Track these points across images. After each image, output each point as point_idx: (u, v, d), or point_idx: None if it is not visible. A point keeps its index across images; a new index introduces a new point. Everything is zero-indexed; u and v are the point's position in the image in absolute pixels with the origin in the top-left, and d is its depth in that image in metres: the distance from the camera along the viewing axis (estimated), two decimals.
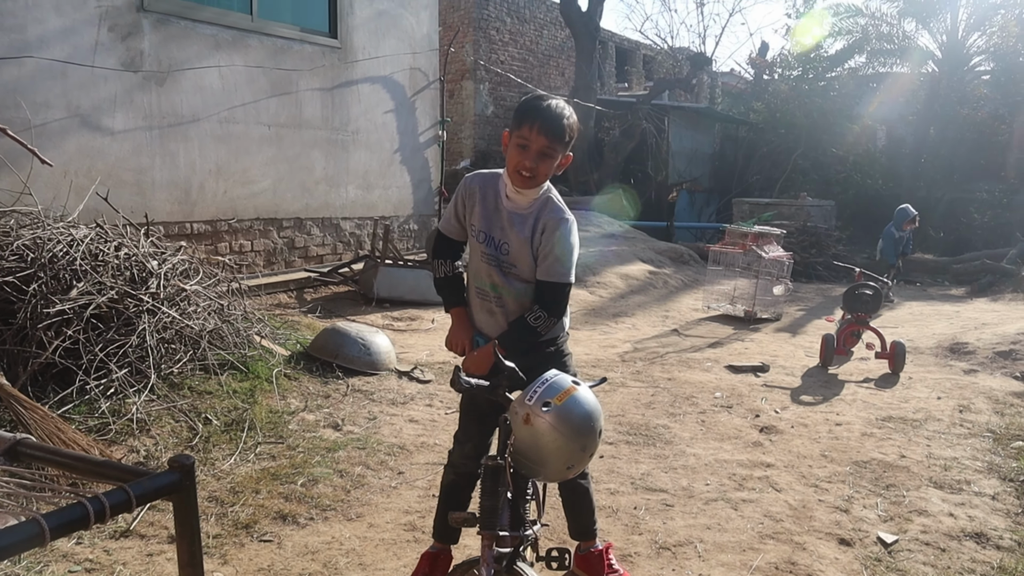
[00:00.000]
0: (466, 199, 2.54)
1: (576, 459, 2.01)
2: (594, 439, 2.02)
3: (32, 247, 4.58)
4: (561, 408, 1.98)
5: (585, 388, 2.06)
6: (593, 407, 2.03)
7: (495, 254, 2.50)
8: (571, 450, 1.99)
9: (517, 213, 2.48)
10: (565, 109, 2.38)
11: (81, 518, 1.22)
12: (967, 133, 17.01)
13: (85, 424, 3.98)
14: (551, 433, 1.97)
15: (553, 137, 2.34)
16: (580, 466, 2.05)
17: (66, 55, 6.18)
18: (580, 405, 2.01)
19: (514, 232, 2.47)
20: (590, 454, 2.03)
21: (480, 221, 2.51)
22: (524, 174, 2.37)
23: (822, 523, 3.60)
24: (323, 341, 5.60)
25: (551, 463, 2.01)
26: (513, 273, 2.51)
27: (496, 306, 2.56)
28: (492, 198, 2.51)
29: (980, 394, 5.73)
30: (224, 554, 3.12)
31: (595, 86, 17.06)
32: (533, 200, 2.48)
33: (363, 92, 9.00)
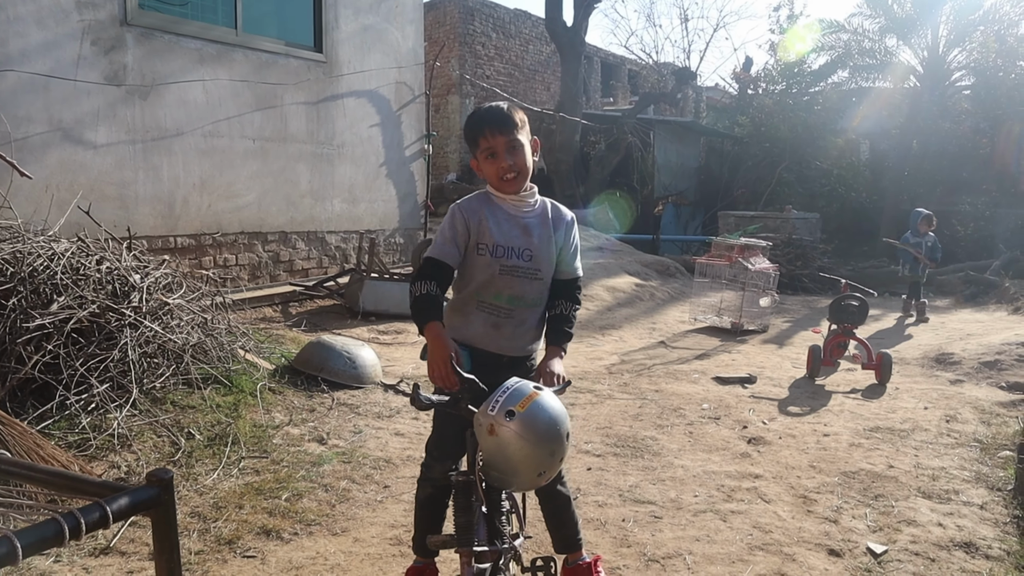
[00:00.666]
0: (469, 219, 2.46)
1: (546, 465, 1.97)
2: (562, 443, 1.98)
3: (12, 261, 4.52)
4: (525, 415, 1.94)
5: (548, 393, 2.02)
6: (557, 411, 1.99)
7: (518, 264, 2.47)
8: (539, 456, 1.95)
9: (530, 217, 2.52)
10: (502, 104, 2.47)
11: (55, 535, 1.18)
12: (949, 147, 17.19)
13: (65, 440, 3.92)
14: (517, 441, 1.93)
15: (507, 128, 2.40)
16: (551, 472, 2.00)
17: (48, 69, 6.14)
18: (544, 410, 1.97)
19: (534, 235, 2.50)
20: (560, 458, 1.99)
21: (494, 236, 2.45)
22: (509, 176, 2.42)
23: (811, 534, 3.58)
24: (308, 355, 5.56)
25: (521, 472, 1.97)
26: (536, 279, 2.52)
27: (504, 319, 2.53)
28: (500, 213, 2.49)
29: (966, 404, 5.75)
30: (206, 571, 3.07)
31: (581, 100, 17.13)
32: (535, 201, 2.55)
33: (348, 106, 8.99)
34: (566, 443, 1.99)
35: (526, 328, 2.58)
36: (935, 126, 16.98)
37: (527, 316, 2.56)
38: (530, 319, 2.58)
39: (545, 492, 2.74)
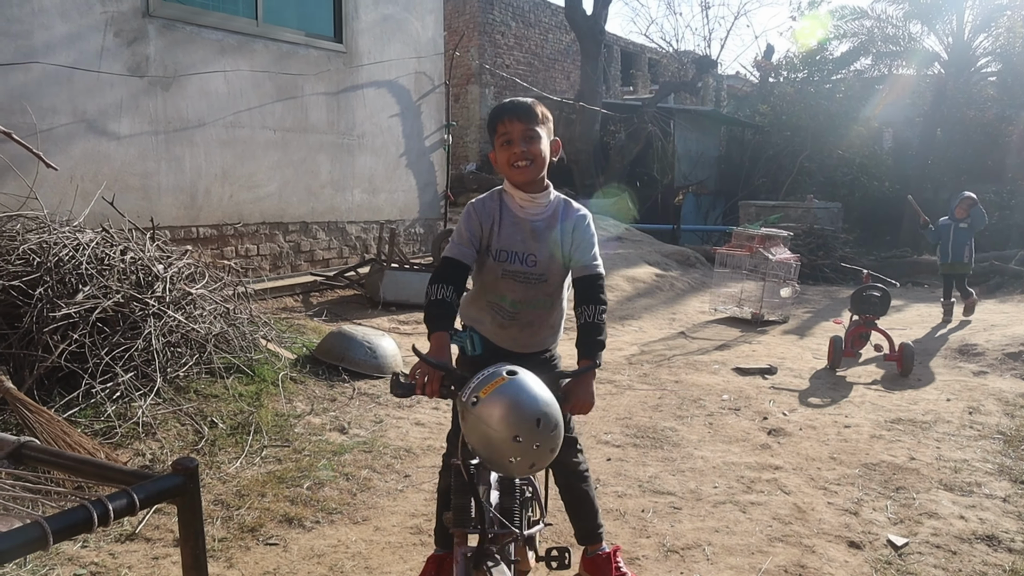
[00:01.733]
0: (483, 221, 2.45)
1: (516, 451, 1.89)
2: (527, 429, 1.88)
3: (38, 251, 4.58)
4: (486, 400, 1.92)
5: (519, 379, 1.95)
6: (521, 397, 1.91)
7: (520, 269, 2.45)
8: (502, 441, 1.89)
9: (538, 220, 2.46)
10: (528, 99, 2.43)
11: (84, 521, 1.21)
12: (974, 135, 16.96)
13: (91, 427, 3.98)
14: (480, 426, 1.92)
15: (527, 118, 2.36)
16: (526, 459, 1.91)
17: (72, 60, 6.20)
18: (505, 395, 1.92)
19: (541, 241, 2.45)
20: (535, 445, 1.89)
21: (500, 239, 2.45)
22: (521, 164, 2.37)
23: (831, 526, 3.57)
24: (329, 344, 5.60)
25: (493, 458, 1.94)
26: (540, 285, 2.48)
27: (508, 320, 2.54)
28: (508, 215, 2.47)
29: (990, 396, 5.70)
30: (230, 557, 3.11)
31: (600, 90, 17.06)
32: (547, 204, 2.48)
33: (368, 96, 9.01)
34: (537, 431, 1.88)
35: (534, 329, 2.58)
36: (960, 113, 16.77)
37: (534, 318, 2.55)
38: (538, 321, 2.56)
39: (562, 482, 2.75)
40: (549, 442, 1.92)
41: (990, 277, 12.18)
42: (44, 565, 2.93)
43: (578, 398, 2.26)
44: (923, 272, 13.34)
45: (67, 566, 2.96)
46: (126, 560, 3.04)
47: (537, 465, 1.96)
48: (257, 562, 3.10)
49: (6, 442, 1.60)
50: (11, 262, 4.46)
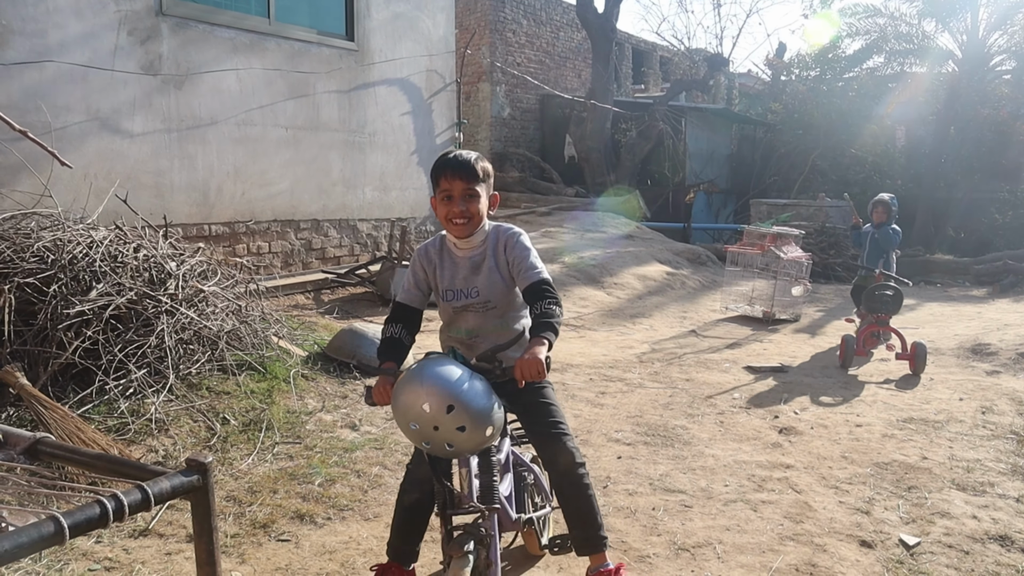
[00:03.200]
0: (426, 266, 2.65)
1: (419, 436, 2.14)
2: (416, 414, 2.10)
3: (52, 249, 4.62)
4: (394, 391, 2.20)
5: (423, 362, 2.18)
6: (414, 382, 2.12)
7: (466, 302, 2.59)
8: (405, 428, 2.17)
9: (475, 255, 2.60)
10: (471, 154, 2.54)
11: (99, 517, 1.22)
12: (987, 133, 16.84)
13: (104, 424, 4.01)
14: (394, 414, 2.21)
15: (468, 177, 2.48)
16: (436, 442, 2.14)
17: (86, 59, 6.24)
18: (400, 383, 2.17)
19: (479, 275, 2.59)
20: (433, 427, 2.10)
21: (444, 281, 2.62)
22: (458, 221, 2.50)
23: (843, 525, 3.56)
24: (340, 342, 5.61)
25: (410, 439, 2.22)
26: (489, 310, 2.60)
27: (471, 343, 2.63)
28: (447, 257, 2.64)
29: (1003, 395, 5.66)
30: (242, 553, 3.13)
31: (612, 88, 17.04)
32: (482, 240, 2.60)
33: (380, 94, 9.02)
34: (427, 415, 2.08)
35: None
36: (973, 112, 16.64)
37: (496, 339, 2.51)
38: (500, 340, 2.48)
39: (554, 483, 2.69)
40: (451, 422, 2.09)
41: (1003, 276, 12.09)
42: (59, 560, 2.95)
43: (522, 364, 2.25)
44: (936, 271, 13.28)
45: (81, 561, 2.98)
46: (139, 556, 3.06)
47: (456, 446, 2.15)
48: (269, 558, 3.11)
49: (22, 438, 1.62)
50: (26, 259, 4.49)
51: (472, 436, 2.12)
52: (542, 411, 2.64)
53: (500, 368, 2.29)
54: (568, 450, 2.60)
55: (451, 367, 2.17)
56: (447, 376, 2.12)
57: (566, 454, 2.59)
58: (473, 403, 2.12)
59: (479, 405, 2.14)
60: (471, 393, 2.13)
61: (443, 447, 2.14)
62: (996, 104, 16.98)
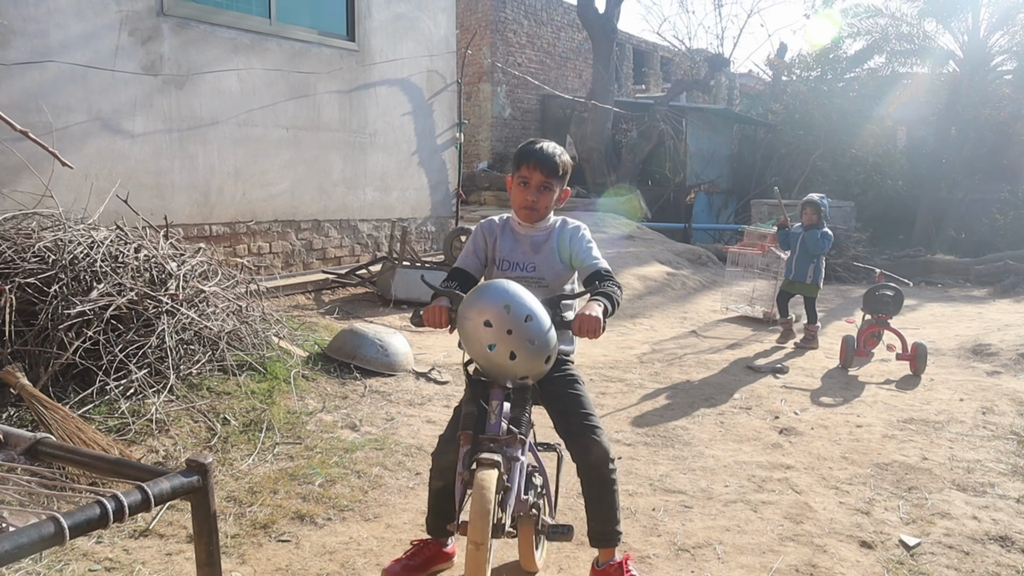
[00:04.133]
0: (487, 236, 2.81)
1: (490, 337, 2.24)
2: (494, 312, 2.23)
3: (53, 249, 4.62)
4: (464, 303, 2.33)
5: (496, 279, 2.38)
6: (492, 288, 2.30)
7: (521, 274, 2.72)
8: (475, 328, 2.25)
9: (535, 236, 2.79)
10: (557, 148, 2.71)
11: (100, 517, 1.22)
12: (989, 133, 16.83)
13: (105, 424, 4.01)
14: (461, 322, 2.32)
15: (548, 172, 2.66)
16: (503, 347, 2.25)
17: (87, 59, 6.25)
18: (481, 289, 2.32)
19: (539, 253, 2.76)
20: (507, 331, 2.22)
21: (503, 251, 2.78)
22: (527, 209, 2.70)
23: (843, 525, 3.56)
24: (341, 342, 5.62)
25: (475, 351, 2.32)
26: (540, 288, 2.69)
27: None
28: (510, 233, 2.82)
29: (1004, 396, 5.66)
30: (242, 554, 3.13)
31: (612, 88, 17.03)
32: (546, 227, 2.81)
33: (381, 94, 9.03)
34: (507, 316, 2.22)
35: None
36: (974, 112, 16.63)
37: None
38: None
39: (583, 473, 2.71)
40: (524, 332, 2.24)
41: (1004, 276, 12.09)
42: (59, 560, 2.96)
43: (581, 318, 2.41)
44: (937, 271, 13.27)
45: (81, 561, 2.98)
46: (140, 556, 3.07)
47: (518, 359, 2.26)
48: (269, 559, 3.11)
49: (22, 438, 1.62)
50: (26, 259, 4.49)
51: (534, 355, 2.29)
52: (575, 402, 2.69)
53: (560, 316, 2.44)
54: (602, 445, 2.66)
55: (531, 292, 2.37)
56: (531, 296, 2.32)
57: (599, 448, 2.65)
58: (545, 325, 2.31)
59: (548, 329, 2.33)
60: (544, 316, 2.33)
61: (505, 356, 2.26)
62: (997, 104, 16.97)
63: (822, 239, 7.15)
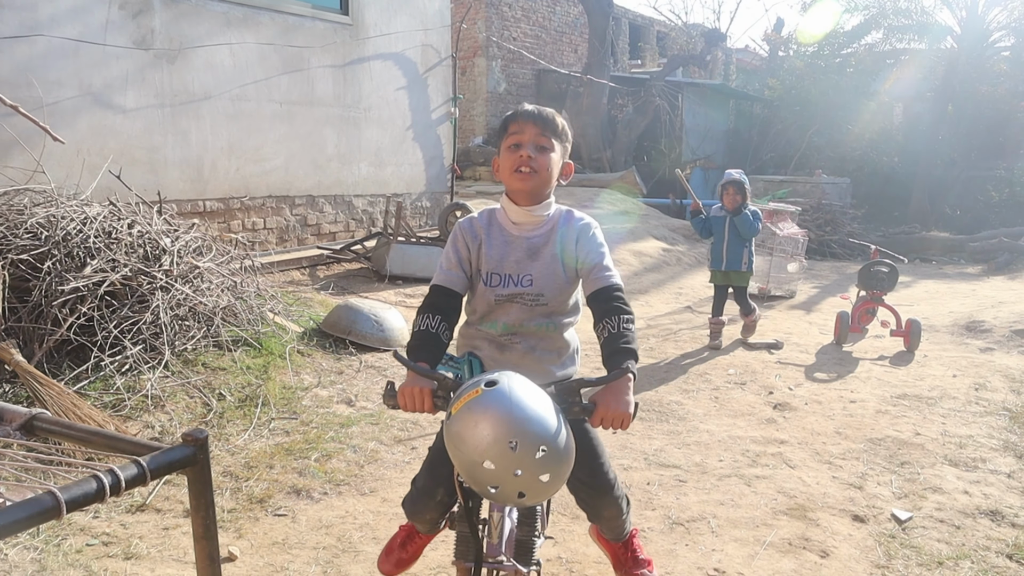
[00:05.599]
0: (470, 242, 2.16)
1: (492, 478, 1.61)
2: (498, 452, 1.57)
3: (46, 225, 4.60)
4: (456, 417, 1.65)
5: (498, 390, 1.64)
6: (492, 413, 1.60)
7: (514, 291, 2.12)
8: (473, 465, 1.61)
9: (535, 237, 2.14)
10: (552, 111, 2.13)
11: (96, 491, 1.22)
12: (985, 110, 16.80)
13: (100, 400, 4.01)
14: (453, 448, 1.66)
15: (544, 125, 2.05)
16: (508, 488, 1.61)
17: (77, 33, 6.17)
18: (474, 411, 1.62)
19: (537, 260, 2.13)
20: (515, 472, 1.58)
21: (490, 261, 2.14)
22: (524, 170, 2.03)
23: (836, 500, 3.59)
24: (336, 318, 5.62)
25: (473, 483, 1.66)
26: (538, 306, 2.13)
27: (506, 344, 2.19)
28: (498, 234, 2.16)
29: (996, 372, 5.69)
30: (239, 528, 3.15)
31: (608, 63, 16.93)
32: (545, 218, 2.15)
33: (375, 69, 8.95)
34: (513, 455, 1.57)
35: (537, 356, 2.18)
36: (972, 89, 16.59)
37: (535, 343, 2.18)
38: (540, 345, 2.18)
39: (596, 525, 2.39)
40: (537, 468, 1.60)
41: (999, 254, 12.12)
42: (56, 535, 2.97)
43: (606, 407, 1.84)
44: (932, 248, 13.30)
45: (79, 536, 3.00)
46: (137, 531, 3.08)
47: (530, 495, 1.64)
48: (266, 532, 3.13)
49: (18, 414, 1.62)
50: (19, 236, 4.47)
51: (551, 486, 1.66)
52: (584, 451, 2.10)
53: (579, 405, 1.83)
54: (616, 504, 2.24)
55: (541, 395, 1.70)
56: (543, 410, 1.64)
57: (612, 508, 2.24)
58: (564, 449, 1.66)
59: (568, 451, 1.68)
60: (563, 436, 1.66)
61: (513, 496, 1.63)
62: (994, 81, 16.92)
63: (754, 220, 6.48)
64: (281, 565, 2.91)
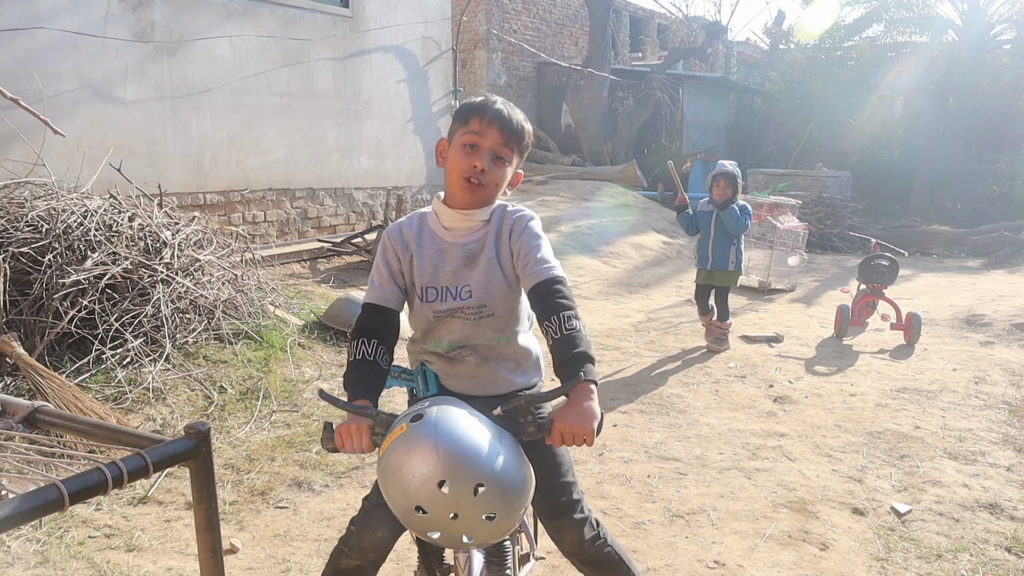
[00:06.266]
0: (400, 253, 1.94)
1: (428, 524, 1.44)
2: (427, 496, 1.40)
3: (46, 218, 4.60)
4: (382, 459, 1.49)
5: (424, 423, 1.46)
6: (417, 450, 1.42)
7: (453, 305, 1.91)
8: (405, 509, 1.44)
9: (472, 243, 1.92)
10: (519, 110, 1.91)
11: (99, 483, 1.23)
12: (987, 104, 16.74)
13: (102, 393, 4.02)
14: (383, 489, 1.49)
15: (509, 135, 1.84)
16: (449, 533, 1.45)
17: (77, 26, 6.16)
18: (397, 451, 1.45)
19: (475, 267, 1.91)
20: (451, 515, 1.41)
21: (423, 275, 1.92)
22: (474, 180, 1.83)
23: (835, 492, 3.60)
24: (336, 310, 5.62)
25: (409, 525, 1.50)
26: (484, 318, 1.92)
27: (455, 358, 1.99)
28: (429, 242, 1.94)
29: (996, 366, 5.70)
30: (241, 520, 3.16)
31: (609, 56, 16.89)
32: (481, 222, 1.92)
33: (375, 62, 8.94)
34: (444, 497, 1.39)
35: (492, 366, 1.98)
36: (973, 82, 16.53)
37: (488, 354, 1.97)
38: (493, 355, 1.98)
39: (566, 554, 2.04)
40: (477, 508, 1.41)
41: (999, 248, 12.11)
42: (59, 527, 2.98)
43: (564, 422, 1.58)
44: (932, 242, 13.28)
45: (81, 528, 3.01)
46: (139, 523, 3.09)
47: (477, 536, 1.46)
48: (267, 524, 3.14)
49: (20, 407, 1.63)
50: (20, 229, 4.47)
51: (502, 524, 1.46)
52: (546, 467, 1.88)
53: (535, 423, 1.60)
54: (577, 530, 1.95)
55: (475, 423, 1.50)
56: (474, 441, 1.44)
57: (573, 533, 1.95)
58: (509, 480, 1.45)
59: (516, 482, 1.48)
60: (507, 466, 1.46)
61: (458, 539, 1.46)
62: (996, 74, 16.87)
63: (743, 215, 5.97)
64: (283, 557, 2.92)
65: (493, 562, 1.83)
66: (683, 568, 2.93)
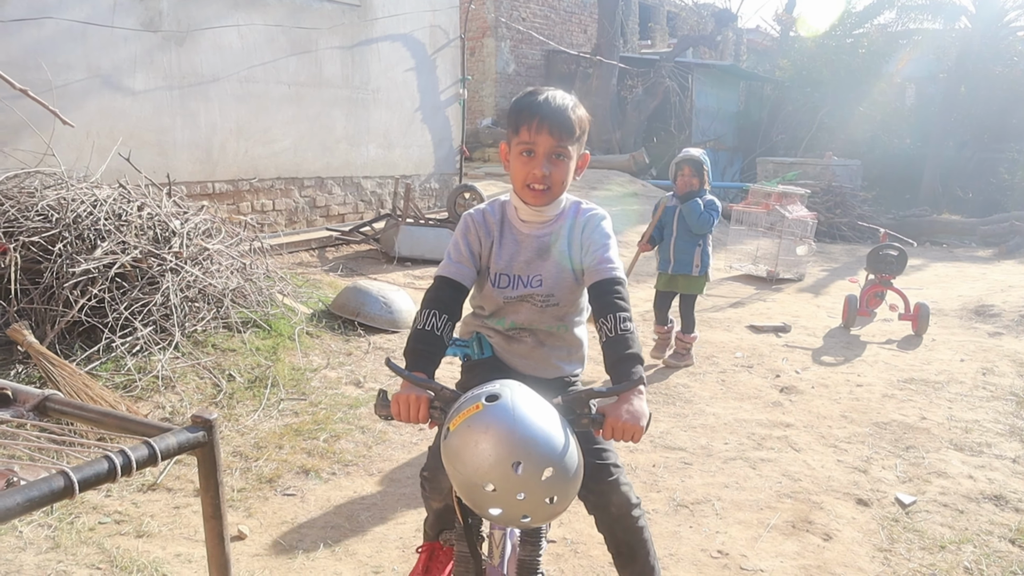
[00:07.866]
0: (483, 237, 2.04)
1: (493, 501, 1.49)
2: (500, 475, 1.46)
3: (56, 207, 4.63)
4: (454, 434, 1.53)
5: (499, 405, 1.51)
6: (494, 431, 1.47)
7: (524, 292, 2.02)
8: (472, 488, 1.50)
9: (543, 236, 2.02)
10: (568, 99, 1.92)
11: (108, 471, 1.25)
12: (1000, 91, 16.60)
13: (111, 381, 4.05)
14: (451, 467, 1.54)
15: (562, 133, 1.87)
16: (512, 511, 1.49)
17: (85, 16, 6.18)
18: (474, 429, 1.50)
19: (547, 259, 2.01)
20: (519, 496, 1.47)
21: (499, 262, 2.03)
22: (537, 187, 1.91)
23: (840, 483, 3.61)
24: (345, 299, 5.65)
25: (474, 506, 1.54)
26: (549, 307, 2.03)
27: (514, 338, 2.10)
28: (510, 233, 2.05)
29: (1004, 357, 5.68)
30: (248, 507, 3.19)
31: (618, 43, 16.82)
32: (556, 215, 2.03)
33: (383, 50, 8.93)
34: (516, 477, 1.45)
35: (546, 351, 2.10)
36: (986, 69, 16.39)
37: (545, 339, 2.09)
38: (549, 340, 2.09)
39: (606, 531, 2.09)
40: (543, 491, 1.48)
41: (1010, 237, 12.04)
42: (69, 514, 3.02)
43: (617, 419, 1.68)
44: (943, 231, 13.22)
45: (91, 514, 3.05)
46: (148, 509, 3.13)
47: (535, 517, 1.52)
48: (275, 512, 3.17)
49: (31, 395, 1.65)
50: (30, 218, 4.51)
51: (558, 507, 1.53)
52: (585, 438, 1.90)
53: (588, 417, 1.69)
54: (622, 492, 2.03)
55: (547, 409, 1.56)
56: (550, 428, 1.51)
57: (618, 495, 2.02)
58: (572, 467, 1.53)
59: (577, 469, 1.54)
60: (572, 453, 1.53)
61: (516, 518, 1.52)
62: (1009, 62, 16.71)
63: (707, 210, 5.21)
64: (290, 544, 2.95)
65: (528, 541, 1.89)
66: (687, 557, 2.95)
